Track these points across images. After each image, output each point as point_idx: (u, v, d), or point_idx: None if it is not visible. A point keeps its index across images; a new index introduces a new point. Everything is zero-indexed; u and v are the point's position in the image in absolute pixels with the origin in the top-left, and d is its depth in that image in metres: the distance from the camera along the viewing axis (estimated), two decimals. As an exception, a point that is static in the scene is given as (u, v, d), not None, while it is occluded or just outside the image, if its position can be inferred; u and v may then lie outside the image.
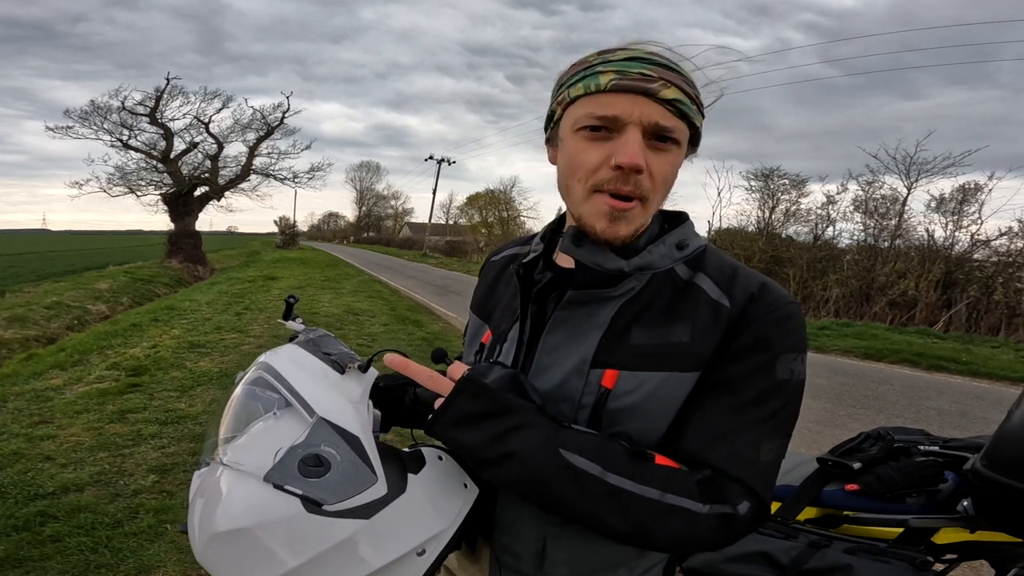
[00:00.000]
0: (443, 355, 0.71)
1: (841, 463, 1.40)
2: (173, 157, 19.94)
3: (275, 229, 46.11)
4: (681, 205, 0.79)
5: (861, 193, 13.73)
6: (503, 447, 0.62)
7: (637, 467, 0.63)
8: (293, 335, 0.90)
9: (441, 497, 0.69)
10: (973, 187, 12.02)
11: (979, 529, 1.30)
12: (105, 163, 21.72)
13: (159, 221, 28.94)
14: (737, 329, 0.67)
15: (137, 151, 19.68)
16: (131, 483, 2.97)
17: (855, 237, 14.02)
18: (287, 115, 21.53)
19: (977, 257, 11.94)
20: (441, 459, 0.73)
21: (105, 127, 18.94)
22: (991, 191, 11.71)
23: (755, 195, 15.97)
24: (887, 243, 13.18)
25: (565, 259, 0.77)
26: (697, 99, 0.67)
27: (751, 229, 15.93)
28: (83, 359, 5.74)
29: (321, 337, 0.83)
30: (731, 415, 0.66)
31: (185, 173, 20.24)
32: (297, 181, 22.89)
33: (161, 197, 20.02)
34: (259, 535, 0.60)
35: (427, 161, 39.65)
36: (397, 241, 53.74)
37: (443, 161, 39.33)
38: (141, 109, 19.29)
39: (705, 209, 16.19)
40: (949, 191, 12.30)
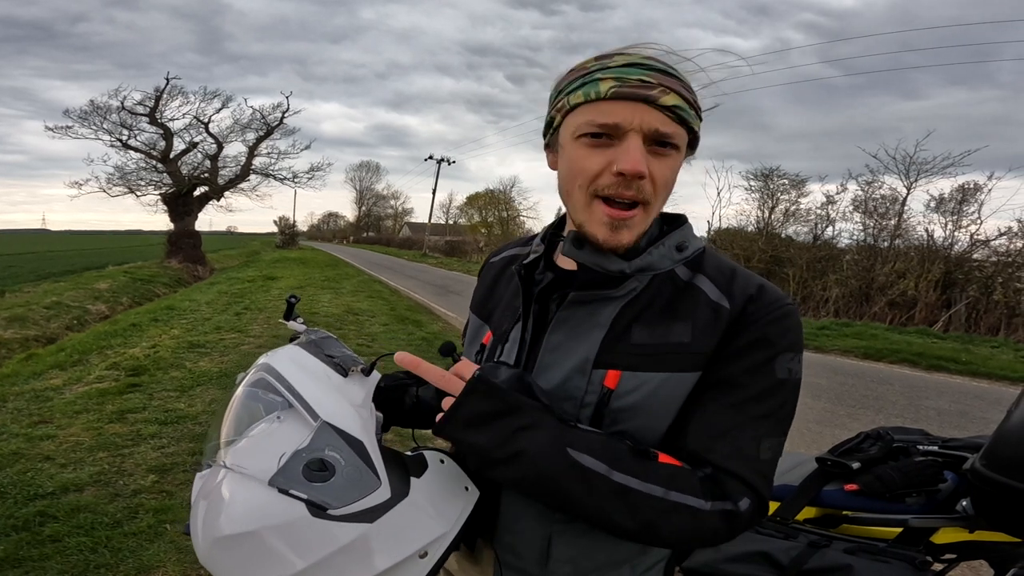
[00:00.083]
0: (452, 349, 0.71)
1: (840, 463, 1.40)
2: (173, 157, 19.92)
3: (275, 229, 46.19)
4: (681, 205, 0.80)
5: (861, 193, 13.76)
6: (512, 446, 0.62)
7: (642, 465, 0.64)
8: (294, 335, 0.90)
9: (443, 500, 0.69)
10: (973, 187, 12.05)
11: (978, 529, 1.30)
12: (105, 163, 21.82)
13: (159, 221, 28.96)
14: (737, 329, 0.68)
15: (137, 151, 19.69)
16: (131, 483, 2.96)
17: (855, 237, 14.05)
18: (287, 115, 21.57)
19: (976, 257, 11.94)
20: (443, 462, 0.73)
21: (105, 127, 18.96)
22: (991, 191, 11.74)
23: (755, 195, 15.99)
24: (887, 243, 13.18)
25: (566, 260, 0.78)
26: (695, 104, 0.68)
27: (751, 229, 15.93)
28: (83, 359, 5.74)
29: (323, 339, 0.83)
30: (732, 413, 0.67)
31: (185, 173, 20.21)
32: (297, 181, 22.89)
33: (161, 197, 20.00)
34: (263, 539, 0.61)
35: (427, 161, 39.70)
36: (397, 241, 53.73)
37: (443, 161, 39.35)
38: (141, 109, 19.29)
39: (705, 209, 16.25)
40: (949, 191, 12.33)
